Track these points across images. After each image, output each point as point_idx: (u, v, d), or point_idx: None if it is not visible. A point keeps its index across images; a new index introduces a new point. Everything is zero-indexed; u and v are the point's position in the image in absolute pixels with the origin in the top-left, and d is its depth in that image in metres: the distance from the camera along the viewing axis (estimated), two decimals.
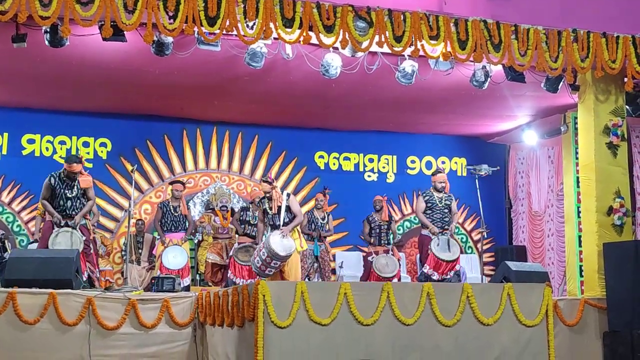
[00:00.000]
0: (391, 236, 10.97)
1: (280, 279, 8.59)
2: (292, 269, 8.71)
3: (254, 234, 10.15)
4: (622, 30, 8.81)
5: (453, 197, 9.78)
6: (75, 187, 8.39)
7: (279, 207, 8.71)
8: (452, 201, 9.71)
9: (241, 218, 10.47)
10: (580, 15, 8.91)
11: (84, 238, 8.31)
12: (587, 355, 8.32)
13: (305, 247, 9.32)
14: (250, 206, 10.61)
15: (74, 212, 8.35)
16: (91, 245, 8.54)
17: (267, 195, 8.86)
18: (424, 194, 9.70)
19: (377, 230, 10.73)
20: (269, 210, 8.81)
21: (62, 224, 8.22)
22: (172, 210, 10.18)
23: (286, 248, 8.35)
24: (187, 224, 10.34)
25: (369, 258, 10.59)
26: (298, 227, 8.96)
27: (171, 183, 10.69)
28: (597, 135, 9.20)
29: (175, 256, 9.77)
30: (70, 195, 8.36)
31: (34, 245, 10.10)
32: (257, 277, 9.00)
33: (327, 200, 10.99)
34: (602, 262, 8.76)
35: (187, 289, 9.49)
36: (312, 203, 11.40)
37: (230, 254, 10.19)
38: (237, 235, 10.60)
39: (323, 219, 10.64)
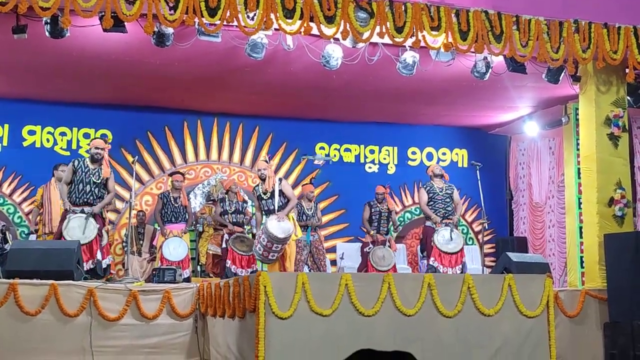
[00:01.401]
0: (391, 226, 10.90)
1: (282, 263, 8.64)
2: (292, 253, 8.80)
3: (235, 220, 10.29)
4: (623, 21, 8.78)
5: (454, 187, 9.84)
6: (97, 173, 8.53)
7: (273, 190, 8.73)
8: (454, 191, 9.77)
9: (222, 209, 10.49)
10: (582, 6, 8.87)
11: (98, 226, 8.38)
12: (588, 345, 8.33)
13: (300, 235, 9.37)
14: (226, 196, 10.62)
15: (90, 198, 8.46)
16: (104, 234, 8.61)
17: (262, 175, 8.87)
18: (425, 185, 9.81)
19: (377, 216, 10.67)
20: (262, 195, 8.83)
21: (76, 211, 8.29)
22: (172, 201, 10.16)
23: (285, 230, 8.41)
24: (187, 215, 10.34)
25: (366, 249, 10.55)
26: (293, 215, 8.99)
27: (171, 174, 10.69)
28: (598, 126, 9.19)
29: (175, 248, 9.76)
30: (89, 181, 8.48)
31: (34, 237, 10.15)
32: (261, 264, 9.10)
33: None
34: (602, 253, 8.77)
35: (187, 280, 9.50)
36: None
37: (224, 245, 10.20)
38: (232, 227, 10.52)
39: (310, 209, 10.62)
